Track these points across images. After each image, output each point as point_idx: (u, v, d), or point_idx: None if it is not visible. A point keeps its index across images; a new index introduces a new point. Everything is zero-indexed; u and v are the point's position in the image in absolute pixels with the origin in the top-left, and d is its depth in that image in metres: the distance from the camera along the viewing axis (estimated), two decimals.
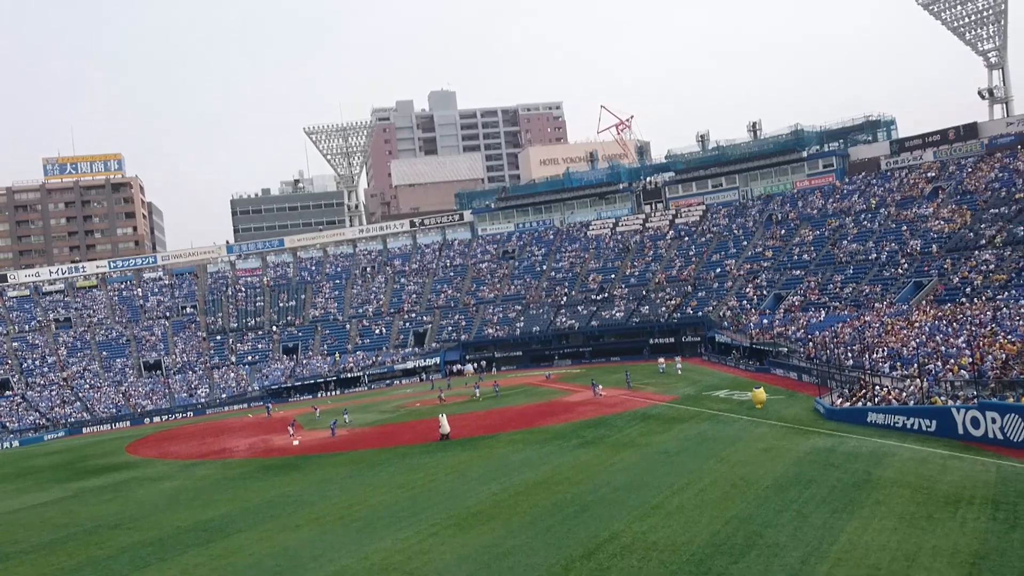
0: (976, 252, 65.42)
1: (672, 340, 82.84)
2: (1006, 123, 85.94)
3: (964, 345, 37.24)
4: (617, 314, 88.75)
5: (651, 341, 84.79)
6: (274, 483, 36.25)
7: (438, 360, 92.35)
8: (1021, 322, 39.80)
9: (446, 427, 43.65)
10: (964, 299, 56.41)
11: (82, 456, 56.85)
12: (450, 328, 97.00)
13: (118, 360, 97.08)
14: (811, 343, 55.94)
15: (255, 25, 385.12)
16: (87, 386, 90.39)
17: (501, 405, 57.61)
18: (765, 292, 79.38)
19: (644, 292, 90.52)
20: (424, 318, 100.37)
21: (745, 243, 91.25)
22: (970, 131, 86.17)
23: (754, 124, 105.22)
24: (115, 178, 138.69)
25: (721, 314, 79.46)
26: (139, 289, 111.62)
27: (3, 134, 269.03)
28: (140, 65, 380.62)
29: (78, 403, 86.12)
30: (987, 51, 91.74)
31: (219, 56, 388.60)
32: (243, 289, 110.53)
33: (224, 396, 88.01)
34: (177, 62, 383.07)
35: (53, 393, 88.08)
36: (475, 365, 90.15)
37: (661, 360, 70.37)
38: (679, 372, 65.39)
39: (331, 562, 22.06)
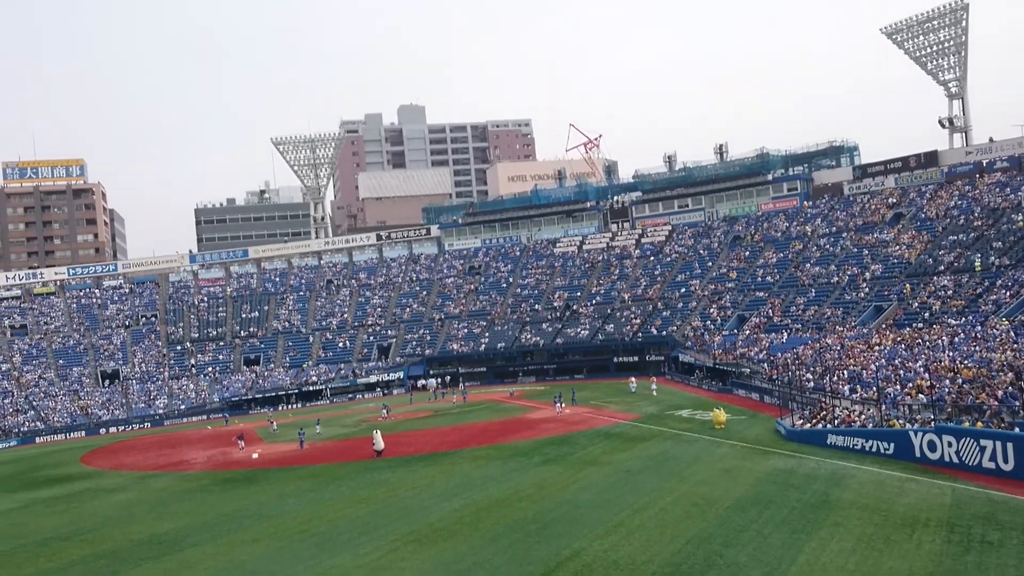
0: (935, 278, 66.56)
1: (636, 359, 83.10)
2: (965, 152, 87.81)
3: (922, 369, 37.77)
4: (582, 332, 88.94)
5: (616, 360, 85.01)
6: (232, 496, 35.74)
7: (401, 374, 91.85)
8: (977, 347, 40.52)
9: (380, 444, 43.65)
10: (922, 324, 57.29)
11: (34, 466, 55.62)
12: (414, 342, 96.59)
13: (75, 369, 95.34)
14: (773, 364, 56.41)
15: (225, 33, 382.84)
16: (42, 395, 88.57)
17: (464, 421, 57.37)
18: (729, 313, 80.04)
19: (609, 310, 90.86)
20: (388, 332, 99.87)
21: (710, 264, 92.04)
22: (930, 159, 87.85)
23: (720, 146, 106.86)
24: (76, 184, 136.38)
25: (685, 334, 79.93)
26: (98, 295, 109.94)
27: None
28: (105, 70, 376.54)
29: (32, 412, 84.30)
30: (947, 81, 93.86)
31: (186, 63, 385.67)
32: (205, 299, 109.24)
33: (183, 407, 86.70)
34: (144, 68, 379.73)
35: (6, 401, 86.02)
36: (439, 380, 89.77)
37: (632, 379, 69.60)
38: (654, 393, 63.23)
39: None
